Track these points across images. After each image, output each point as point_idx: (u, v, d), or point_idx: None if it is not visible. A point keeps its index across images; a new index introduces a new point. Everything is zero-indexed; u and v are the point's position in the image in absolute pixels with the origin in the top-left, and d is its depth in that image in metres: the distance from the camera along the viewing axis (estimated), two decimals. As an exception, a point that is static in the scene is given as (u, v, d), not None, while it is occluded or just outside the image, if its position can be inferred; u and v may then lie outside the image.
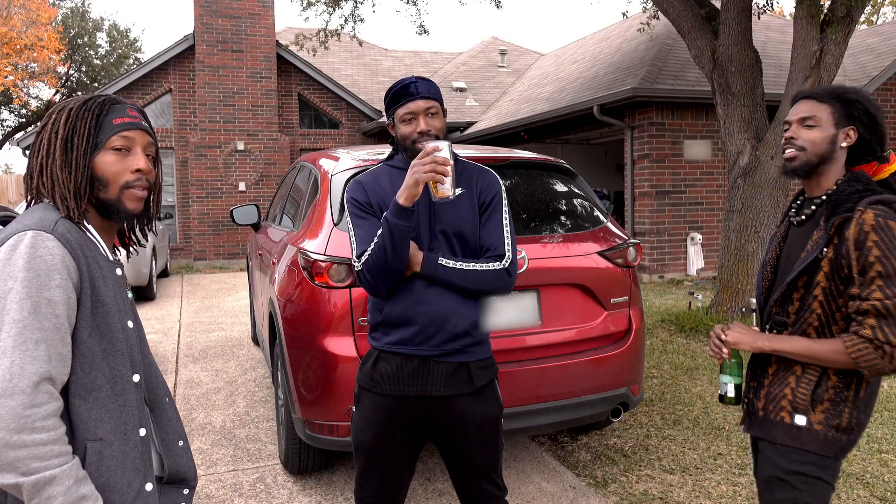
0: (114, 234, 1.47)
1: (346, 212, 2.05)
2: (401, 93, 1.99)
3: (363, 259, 1.92)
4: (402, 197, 1.85)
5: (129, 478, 1.32)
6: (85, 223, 1.37)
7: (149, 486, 1.36)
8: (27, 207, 1.37)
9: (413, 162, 1.86)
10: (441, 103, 2.02)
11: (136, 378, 1.39)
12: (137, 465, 1.35)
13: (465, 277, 1.95)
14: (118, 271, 1.41)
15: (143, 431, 1.39)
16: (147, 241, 1.55)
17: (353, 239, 2.00)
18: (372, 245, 1.90)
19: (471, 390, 1.99)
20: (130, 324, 1.41)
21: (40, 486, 1.16)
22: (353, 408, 2.08)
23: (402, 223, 1.86)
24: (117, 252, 1.48)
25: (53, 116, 1.37)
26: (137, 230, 1.51)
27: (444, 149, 1.84)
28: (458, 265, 1.95)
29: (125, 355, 1.36)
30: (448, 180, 1.83)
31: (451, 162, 1.83)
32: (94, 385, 1.29)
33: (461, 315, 1.96)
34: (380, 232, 1.89)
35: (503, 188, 2.09)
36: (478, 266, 1.96)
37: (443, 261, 1.94)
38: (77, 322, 1.28)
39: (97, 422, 1.29)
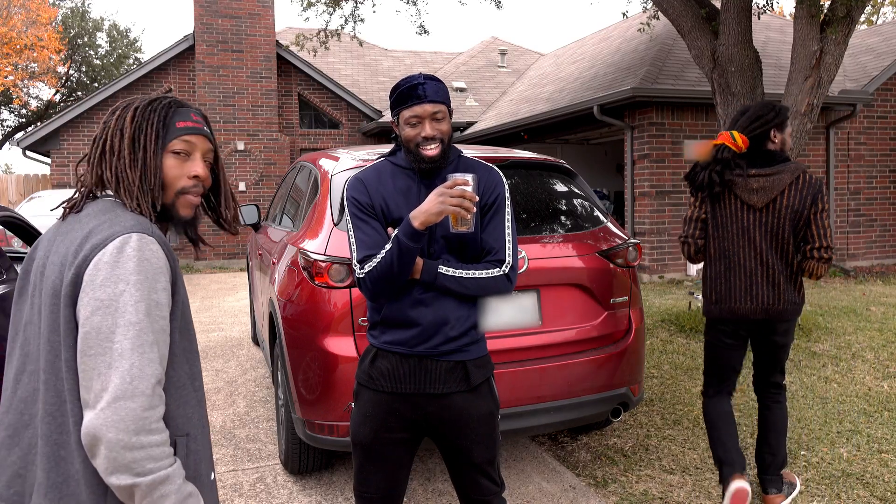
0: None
1: (346, 210, 2.02)
2: (408, 94, 1.94)
3: (367, 269, 1.91)
4: (418, 220, 1.83)
5: (207, 469, 1.36)
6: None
7: (212, 476, 1.40)
8: (81, 200, 1.37)
9: (439, 189, 1.83)
10: (448, 105, 1.99)
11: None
12: (209, 457, 1.39)
13: (464, 285, 1.94)
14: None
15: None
16: (199, 246, 1.54)
17: (352, 241, 1.98)
18: (378, 258, 1.89)
19: (467, 388, 2.00)
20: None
21: (155, 485, 1.18)
22: (353, 404, 2.09)
23: (414, 245, 1.85)
24: None
25: (116, 120, 1.37)
26: (186, 235, 1.48)
27: (472, 184, 1.82)
28: (458, 273, 1.94)
29: (197, 353, 1.39)
30: (470, 216, 1.83)
31: (477, 198, 1.83)
32: (180, 382, 1.32)
33: (459, 318, 1.97)
34: (388, 248, 1.88)
35: (507, 188, 2.07)
36: (477, 274, 1.95)
37: (442, 269, 1.94)
38: (170, 322, 1.30)
39: (185, 418, 1.31)
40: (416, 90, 1.94)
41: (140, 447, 1.17)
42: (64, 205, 1.38)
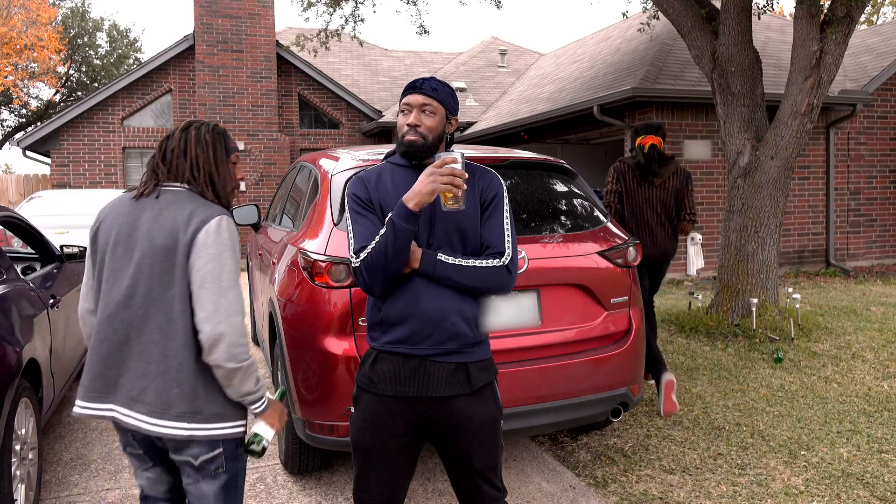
0: None
1: (347, 207, 2.04)
2: (409, 85, 2.04)
3: (362, 256, 1.92)
4: (412, 202, 1.86)
5: None
6: None
7: None
8: (153, 189, 2.04)
9: (429, 170, 1.86)
10: (445, 105, 2.02)
11: None
12: None
13: (464, 274, 1.93)
14: None
15: None
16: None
17: (351, 234, 2.00)
18: (373, 244, 1.90)
19: (469, 391, 1.98)
20: None
21: (249, 368, 1.95)
22: (352, 408, 2.07)
23: (408, 227, 1.86)
24: None
25: (195, 134, 2.08)
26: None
27: (461, 161, 1.86)
28: (457, 261, 1.94)
29: None
30: (461, 193, 1.86)
31: (466, 175, 1.86)
32: None
33: (459, 313, 1.95)
34: (383, 232, 1.89)
35: (505, 189, 2.08)
36: (477, 263, 1.95)
37: (441, 257, 1.94)
38: None
39: None
40: (415, 83, 2.03)
41: (241, 345, 1.93)
42: (139, 190, 2.05)
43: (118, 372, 1.97)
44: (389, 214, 1.90)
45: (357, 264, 1.93)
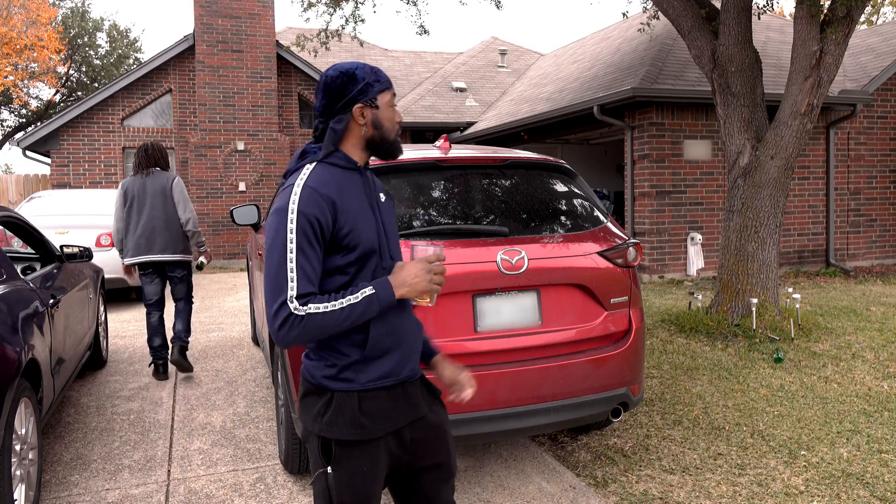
0: None
1: (294, 229, 1.61)
2: (385, 77, 1.77)
3: (311, 309, 1.58)
4: (400, 291, 1.67)
5: None
6: None
7: None
8: (150, 170, 5.28)
9: (425, 265, 1.68)
10: None
11: None
12: None
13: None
14: None
15: None
16: None
17: (291, 268, 1.59)
18: (334, 306, 1.60)
19: (434, 397, 1.91)
20: None
21: (200, 231, 5.43)
22: (329, 470, 1.70)
23: (386, 308, 1.70)
24: None
25: (158, 148, 5.52)
26: None
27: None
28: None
29: None
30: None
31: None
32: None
33: (420, 328, 1.89)
34: (353, 302, 1.61)
35: None
36: None
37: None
38: None
39: None
40: (384, 73, 1.79)
41: (197, 222, 5.32)
42: (145, 171, 5.27)
43: (152, 242, 5.11)
44: (369, 291, 1.63)
45: (301, 314, 1.57)
